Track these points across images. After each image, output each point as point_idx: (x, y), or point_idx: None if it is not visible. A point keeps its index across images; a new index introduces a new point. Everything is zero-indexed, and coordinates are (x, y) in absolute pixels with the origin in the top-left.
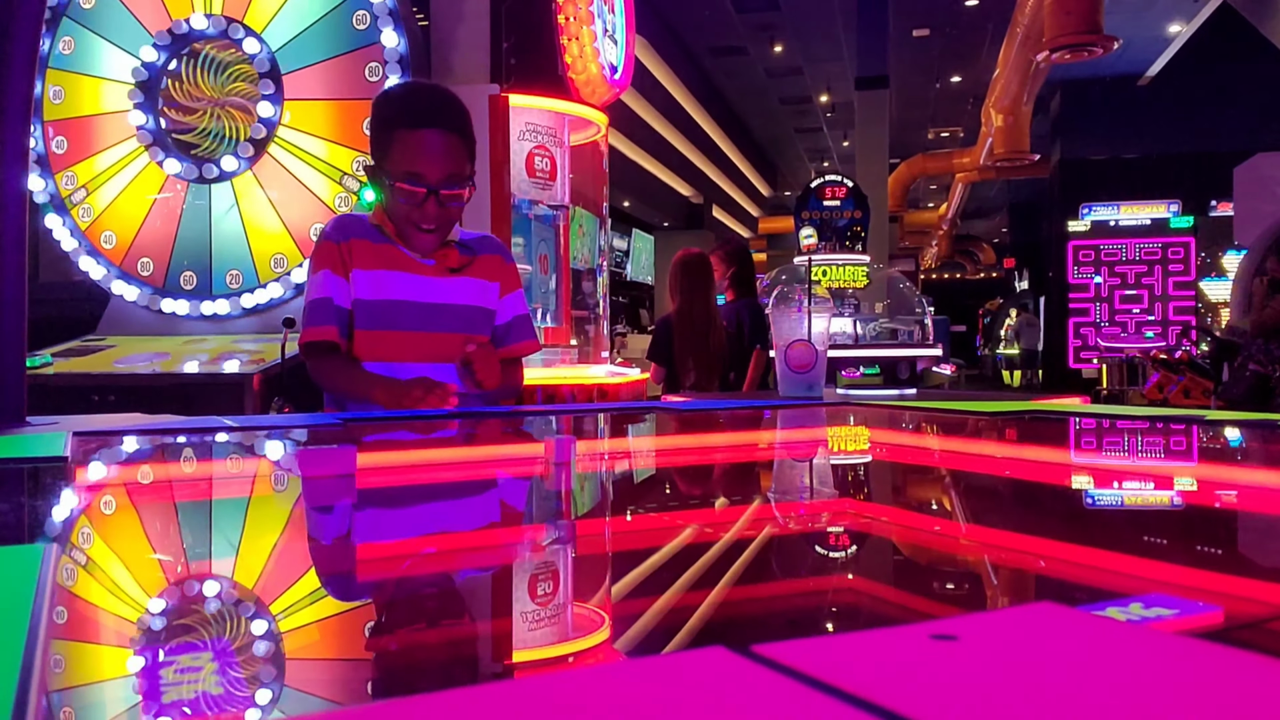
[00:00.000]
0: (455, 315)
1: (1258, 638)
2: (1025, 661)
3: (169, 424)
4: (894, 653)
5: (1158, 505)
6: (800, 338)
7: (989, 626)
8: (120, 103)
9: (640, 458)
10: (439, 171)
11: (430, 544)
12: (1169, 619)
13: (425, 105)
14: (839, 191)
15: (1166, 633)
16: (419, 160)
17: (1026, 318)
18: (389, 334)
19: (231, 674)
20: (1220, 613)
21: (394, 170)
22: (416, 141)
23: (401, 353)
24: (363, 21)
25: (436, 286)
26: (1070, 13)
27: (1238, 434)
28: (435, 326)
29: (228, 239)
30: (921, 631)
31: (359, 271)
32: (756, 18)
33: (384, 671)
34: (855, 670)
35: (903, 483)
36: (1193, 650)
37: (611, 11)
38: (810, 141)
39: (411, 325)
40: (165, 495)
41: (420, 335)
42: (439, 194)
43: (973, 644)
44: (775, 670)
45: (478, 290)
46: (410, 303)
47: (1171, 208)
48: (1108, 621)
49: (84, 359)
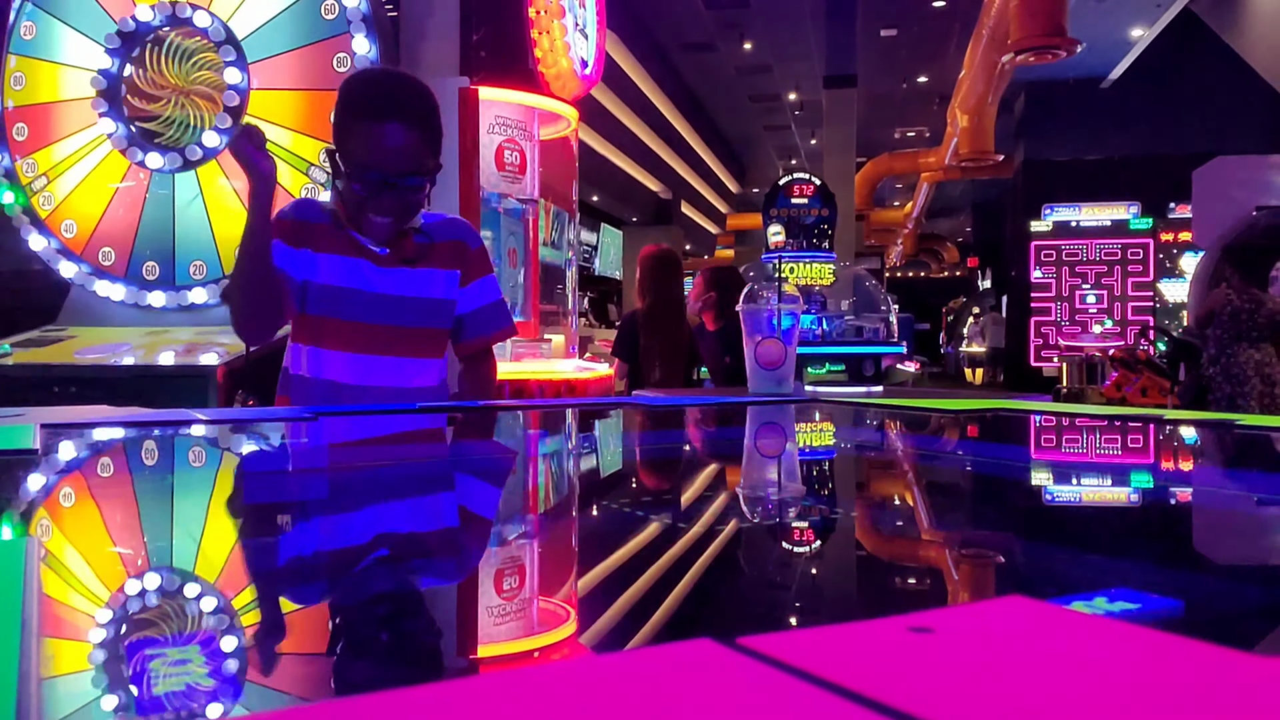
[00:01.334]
0: (408, 307)
1: (1218, 630)
2: (1000, 652)
3: (139, 416)
4: (875, 644)
5: (1114, 501)
6: (769, 335)
7: (962, 619)
8: (82, 90)
9: (616, 452)
10: (396, 166)
11: (411, 537)
12: (1133, 612)
13: (388, 97)
14: (807, 189)
15: (1133, 625)
16: (376, 154)
17: (992, 316)
18: (338, 322)
19: (223, 667)
20: (1181, 605)
21: (351, 161)
22: (376, 134)
23: (351, 342)
24: (331, 11)
25: (389, 277)
26: (1035, 15)
27: (1192, 432)
28: (386, 318)
29: (191, 229)
30: (899, 624)
31: (311, 254)
32: (726, 15)
33: (372, 664)
34: (839, 661)
35: (874, 479)
36: (1158, 642)
37: (582, 6)
38: (779, 139)
39: (361, 316)
40: (141, 488)
41: (370, 326)
42: (395, 187)
43: (948, 636)
44: (762, 661)
45: (433, 281)
46: (361, 292)
47: (1131, 209)
48: (1076, 614)
49: (43, 349)
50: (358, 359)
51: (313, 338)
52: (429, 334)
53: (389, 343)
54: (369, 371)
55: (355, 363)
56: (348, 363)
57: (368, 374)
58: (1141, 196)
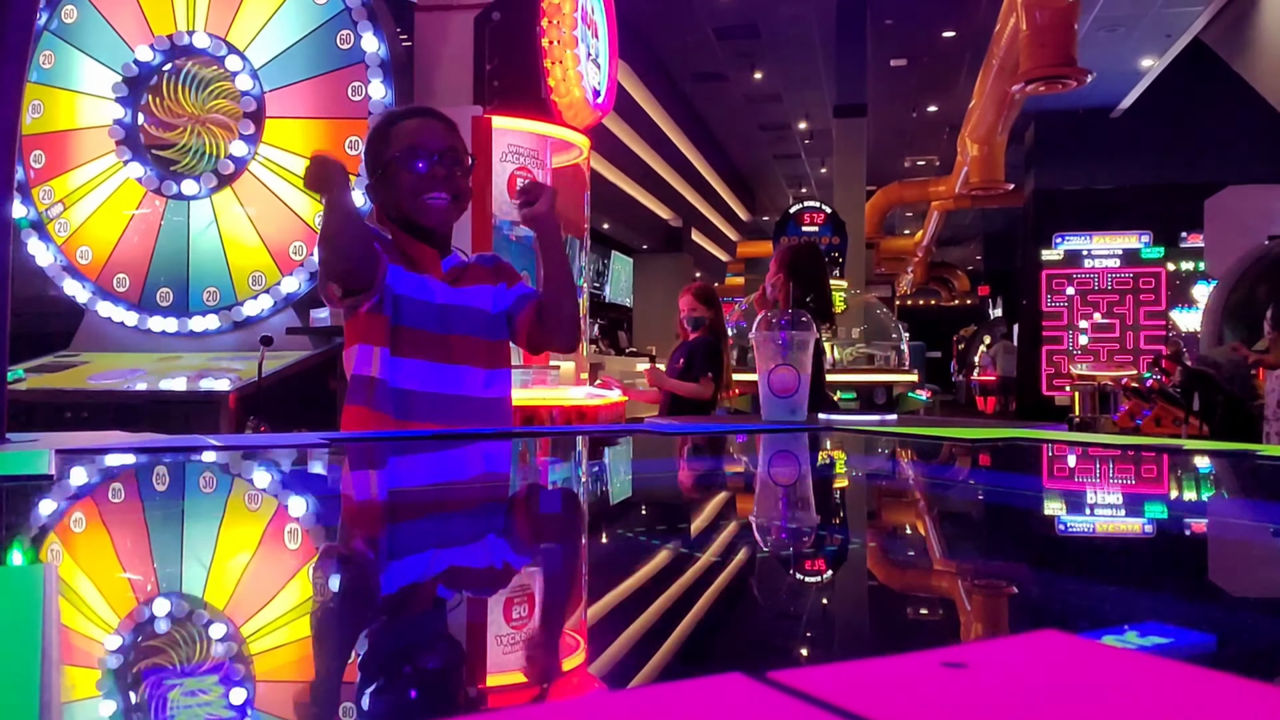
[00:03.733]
0: (472, 318)
1: (1253, 664)
2: (1036, 688)
3: (151, 442)
4: (909, 680)
5: (1140, 533)
6: (783, 362)
7: (997, 654)
8: (99, 118)
9: (635, 481)
10: (439, 143)
11: (434, 561)
12: (1166, 646)
13: (418, 108)
14: (817, 218)
15: (1168, 659)
16: (419, 136)
17: (1004, 344)
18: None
19: (239, 696)
20: (1214, 640)
21: (397, 153)
22: (414, 126)
23: (426, 351)
24: (346, 41)
25: (450, 292)
26: (1045, 46)
27: (1215, 463)
28: (456, 328)
29: (206, 256)
30: (933, 659)
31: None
32: (737, 45)
33: (395, 698)
34: (873, 697)
35: (899, 509)
36: (1196, 677)
37: (595, 36)
38: (788, 168)
39: (434, 326)
40: (155, 514)
41: (442, 336)
42: (445, 158)
43: (983, 671)
44: (794, 697)
45: (484, 295)
46: (430, 304)
47: (1143, 238)
48: (1112, 649)
49: (57, 375)
50: (434, 367)
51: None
52: (493, 346)
53: (461, 352)
54: (446, 380)
55: (432, 371)
56: (425, 371)
57: (444, 382)
58: (1153, 226)
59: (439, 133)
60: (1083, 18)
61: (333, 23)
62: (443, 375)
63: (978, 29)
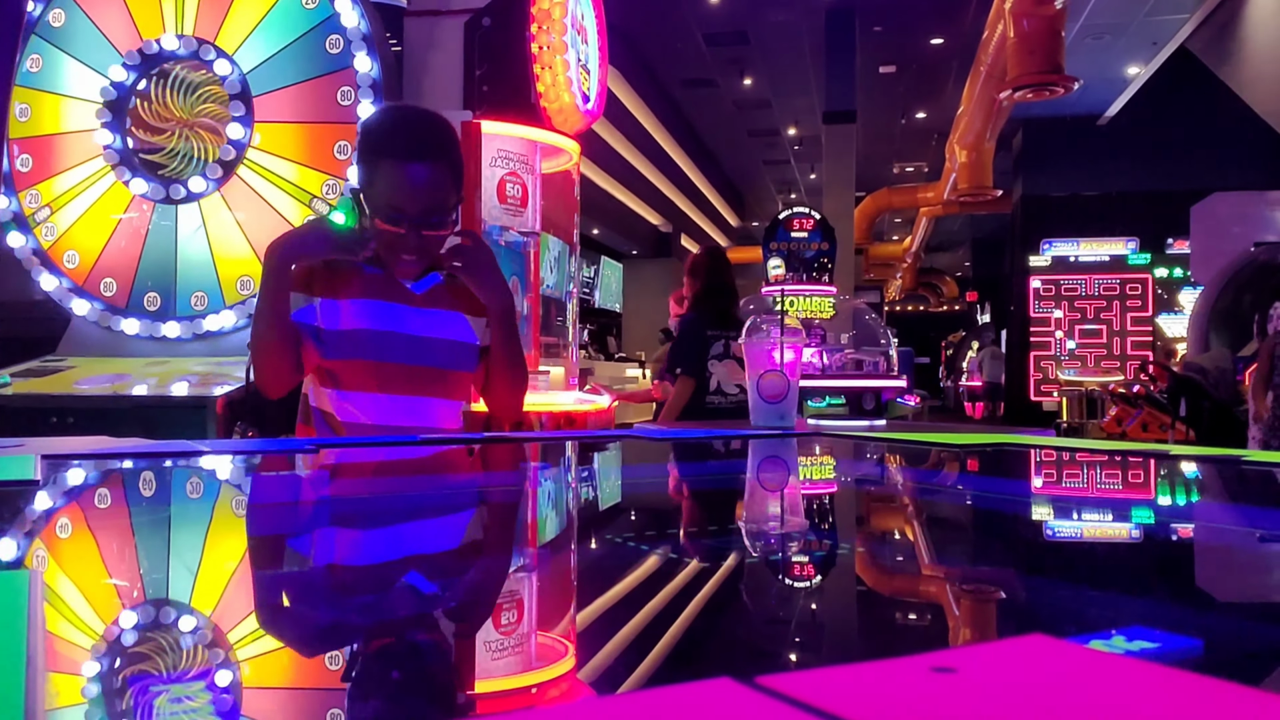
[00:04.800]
0: (440, 349)
1: (1238, 668)
2: (1026, 692)
3: (138, 448)
4: (898, 684)
5: (1126, 538)
6: (772, 368)
7: (985, 658)
8: (87, 121)
9: (624, 486)
10: (422, 205)
11: (416, 570)
12: (1153, 650)
13: (412, 135)
14: (806, 223)
15: (1157, 665)
16: (404, 195)
17: (991, 350)
18: (366, 364)
19: (223, 702)
20: (1200, 644)
21: (377, 204)
22: (403, 174)
23: (388, 384)
24: (336, 45)
25: (421, 319)
26: (1033, 53)
27: (1201, 468)
28: (422, 360)
29: (193, 260)
30: (921, 664)
31: (350, 301)
32: (727, 51)
33: (382, 703)
34: (862, 701)
35: (889, 514)
36: (1182, 681)
37: (585, 42)
38: (778, 173)
39: (393, 357)
40: (142, 519)
41: (403, 367)
42: (420, 230)
43: (972, 676)
44: (783, 701)
45: (461, 325)
46: (394, 334)
47: (1130, 245)
48: (1100, 654)
49: (43, 379)
50: (386, 399)
51: (336, 381)
52: (457, 377)
53: (419, 383)
54: (396, 412)
55: (383, 403)
56: (375, 403)
57: (395, 414)
58: (1139, 232)
59: (425, 189)
60: (1070, 25)
61: (322, 27)
62: (400, 407)
63: (966, 36)
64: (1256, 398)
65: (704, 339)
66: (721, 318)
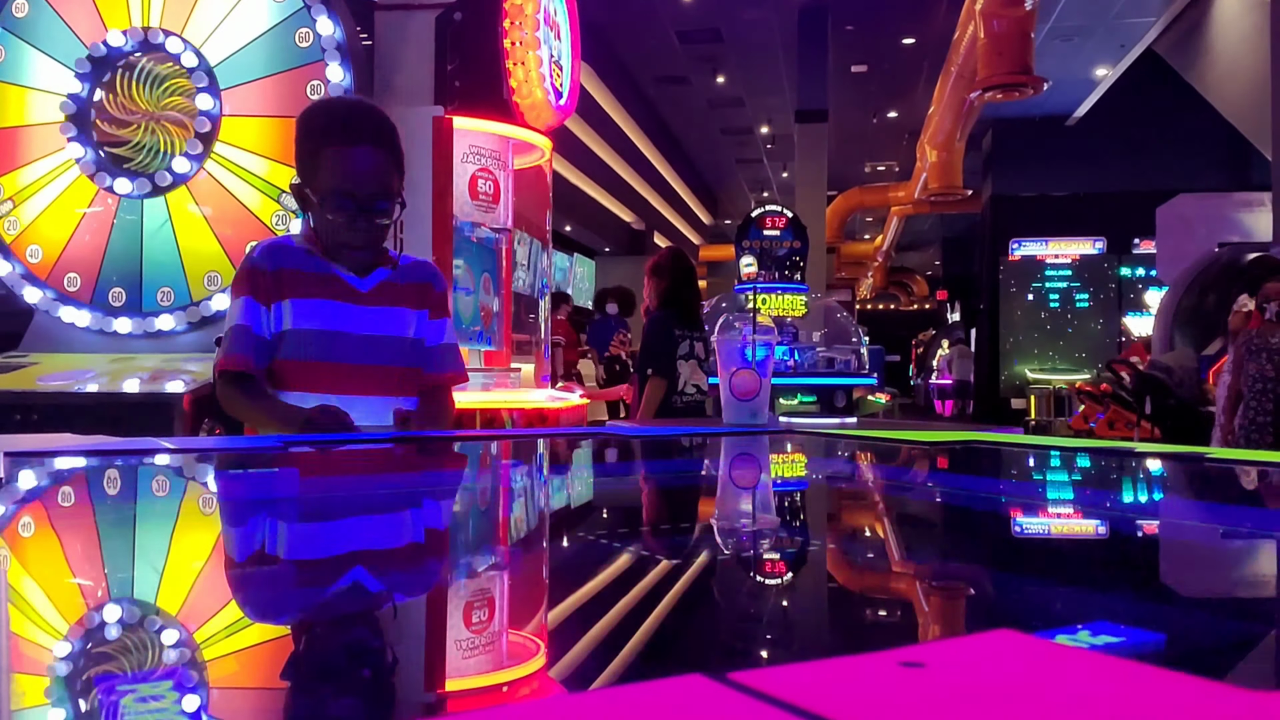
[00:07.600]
0: (387, 346)
1: (1201, 662)
2: (994, 687)
3: (104, 445)
4: (868, 679)
5: (1090, 534)
6: (744, 366)
7: (953, 653)
8: (51, 114)
9: (595, 484)
10: (368, 189)
11: (384, 567)
12: (1117, 645)
13: (353, 121)
14: (779, 221)
15: (1122, 659)
16: (348, 178)
17: (960, 349)
18: (324, 365)
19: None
20: (1163, 638)
21: (323, 189)
22: (345, 158)
23: (336, 384)
24: (305, 39)
25: (368, 317)
26: (1002, 54)
27: (1165, 465)
28: (370, 358)
29: (160, 255)
30: (891, 659)
31: (295, 301)
32: (700, 49)
33: (348, 703)
34: (833, 697)
35: (857, 511)
36: (1149, 676)
37: (557, 37)
38: (750, 172)
39: (342, 357)
40: (106, 518)
41: (352, 367)
42: (369, 211)
43: (941, 671)
44: (754, 697)
45: (405, 320)
46: (346, 334)
47: (1097, 244)
48: (1067, 648)
49: (6, 376)
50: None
51: (288, 382)
52: (405, 373)
53: (369, 382)
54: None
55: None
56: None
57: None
58: (1107, 232)
59: (370, 172)
60: (1039, 27)
61: (291, 20)
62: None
63: (937, 36)
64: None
65: (674, 339)
66: (688, 318)
